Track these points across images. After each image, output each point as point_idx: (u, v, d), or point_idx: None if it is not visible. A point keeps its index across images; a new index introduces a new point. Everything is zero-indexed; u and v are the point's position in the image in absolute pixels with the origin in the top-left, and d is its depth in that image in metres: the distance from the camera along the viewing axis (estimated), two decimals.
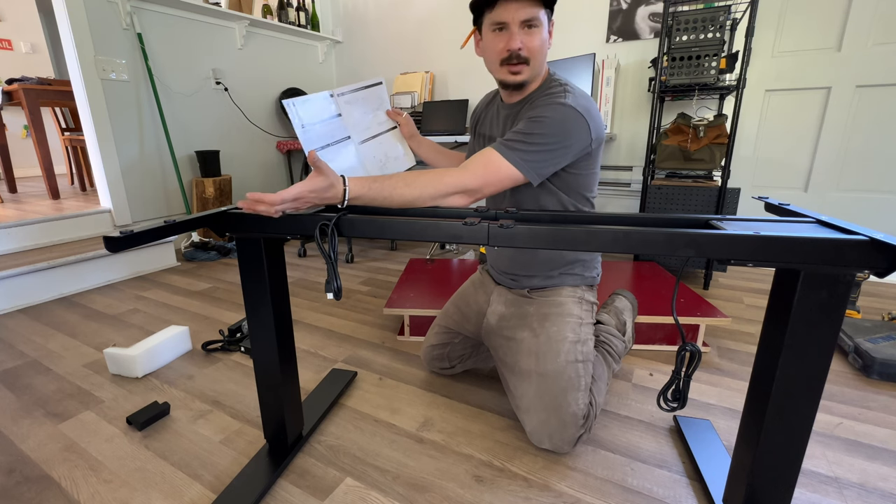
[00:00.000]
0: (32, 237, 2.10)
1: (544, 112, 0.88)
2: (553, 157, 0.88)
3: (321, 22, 3.33)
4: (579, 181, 0.98)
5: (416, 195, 0.80)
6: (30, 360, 1.40)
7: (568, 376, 0.94)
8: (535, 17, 0.88)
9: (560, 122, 0.87)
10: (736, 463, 0.75)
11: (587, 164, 0.96)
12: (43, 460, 0.97)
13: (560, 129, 0.87)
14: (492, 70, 0.97)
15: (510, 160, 0.86)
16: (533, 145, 0.86)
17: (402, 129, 1.20)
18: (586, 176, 0.98)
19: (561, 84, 0.94)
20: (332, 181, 0.75)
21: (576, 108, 0.87)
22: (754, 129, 2.22)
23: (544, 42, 0.92)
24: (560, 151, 0.88)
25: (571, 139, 0.88)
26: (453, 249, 2.61)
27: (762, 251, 0.57)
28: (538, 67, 0.94)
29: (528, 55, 0.91)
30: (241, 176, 2.97)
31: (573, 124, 0.87)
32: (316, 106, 1.04)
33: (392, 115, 1.18)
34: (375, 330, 1.59)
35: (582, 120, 0.87)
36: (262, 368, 0.90)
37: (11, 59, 4.31)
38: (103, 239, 0.62)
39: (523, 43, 0.90)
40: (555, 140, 0.86)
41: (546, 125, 0.87)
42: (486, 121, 1.11)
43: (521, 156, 0.86)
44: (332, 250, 0.70)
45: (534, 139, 0.86)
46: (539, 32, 0.90)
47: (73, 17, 2.06)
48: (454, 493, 0.86)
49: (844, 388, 1.20)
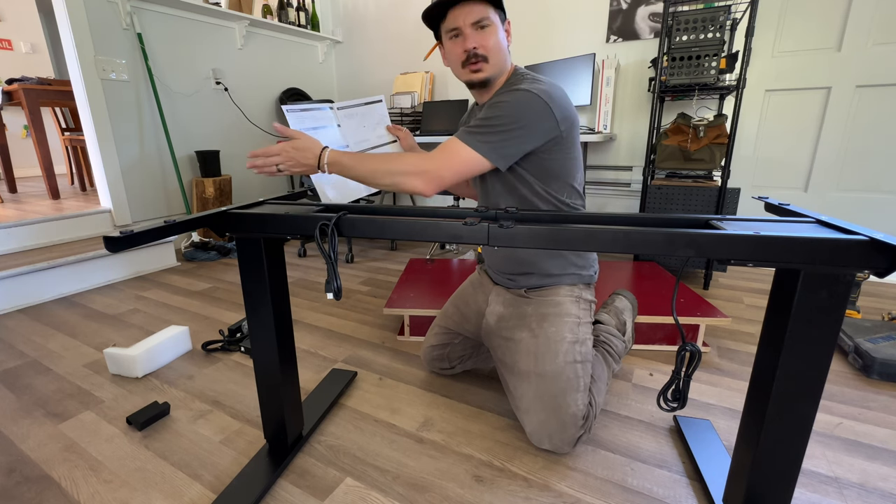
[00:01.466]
0: (32, 237, 2.10)
1: (503, 97, 0.91)
2: (514, 139, 0.89)
3: (321, 22, 3.33)
4: (555, 167, 0.97)
5: (377, 167, 0.89)
6: (30, 360, 1.40)
7: (567, 377, 0.94)
8: (485, 17, 0.92)
9: (518, 105, 0.88)
10: (736, 463, 0.75)
11: (561, 147, 0.96)
12: (43, 460, 0.97)
13: (518, 111, 0.88)
14: (458, 75, 1.00)
15: (470, 144, 0.88)
16: (492, 128, 0.88)
17: (401, 143, 1.23)
18: (563, 161, 0.97)
19: (525, 76, 0.96)
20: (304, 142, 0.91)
21: (534, 93, 0.88)
22: (754, 129, 2.22)
23: (499, 40, 0.95)
24: (520, 132, 0.89)
25: (531, 120, 0.89)
26: (453, 249, 2.61)
27: (762, 251, 0.57)
28: (499, 64, 0.96)
29: (484, 53, 0.94)
30: (241, 176, 2.97)
31: (532, 106, 0.88)
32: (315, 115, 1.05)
33: (392, 131, 1.23)
34: (375, 330, 1.59)
35: (541, 101, 0.88)
36: (262, 368, 0.90)
37: (11, 59, 4.31)
38: (103, 239, 0.62)
39: (478, 42, 0.93)
40: (513, 122, 0.88)
41: (504, 108, 0.89)
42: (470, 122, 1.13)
43: (480, 138, 0.88)
44: (332, 250, 0.70)
45: (492, 121, 0.88)
46: (492, 31, 0.93)
47: (73, 17, 2.06)
48: (454, 493, 0.86)
49: (844, 388, 1.20)
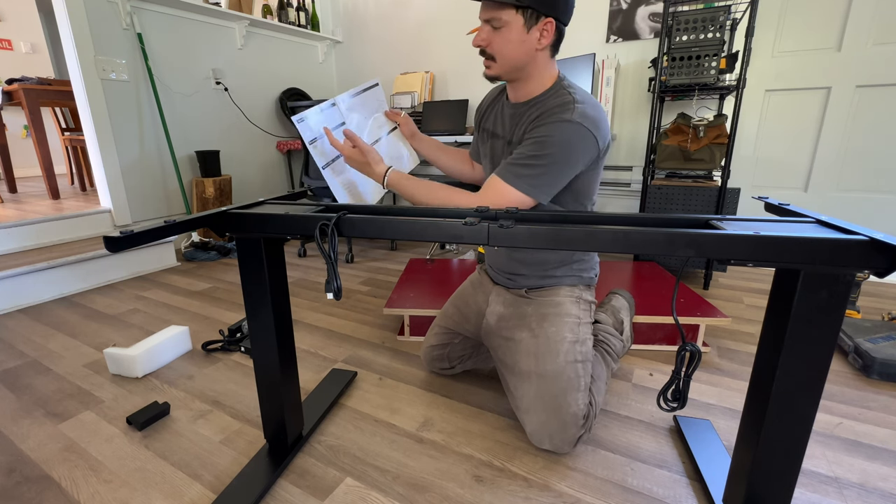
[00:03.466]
0: (32, 237, 2.10)
1: (550, 132, 0.87)
2: (560, 177, 0.89)
3: (321, 22, 3.33)
4: (581, 186, 0.97)
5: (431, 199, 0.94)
6: (30, 360, 1.40)
7: (567, 377, 0.94)
8: (496, 17, 0.88)
9: (566, 143, 0.86)
10: (736, 463, 0.75)
11: (591, 172, 0.96)
12: (43, 460, 0.97)
13: (566, 149, 0.86)
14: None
15: (519, 188, 0.88)
16: (538, 168, 0.87)
17: (402, 129, 1.19)
18: (589, 180, 0.97)
19: (569, 93, 0.91)
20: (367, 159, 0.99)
21: (582, 125, 0.86)
22: (754, 129, 2.22)
23: (510, 42, 0.89)
24: (567, 170, 0.88)
25: (579, 157, 0.88)
26: (453, 249, 2.61)
27: (762, 251, 0.57)
28: (509, 66, 0.93)
29: (492, 52, 0.92)
30: (241, 176, 2.97)
31: (580, 142, 0.86)
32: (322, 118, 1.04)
33: (391, 116, 1.17)
34: (375, 330, 1.59)
35: (589, 135, 0.87)
36: (262, 368, 0.90)
37: (11, 59, 4.31)
38: (103, 239, 0.62)
39: (484, 41, 0.91)
40: (562, 160, 0.87)
41: (550, 146, 0.87)
42: (491, 117, 1.10)
43: (529, 181, 0.88)
44: (332, 250, 0.70)
45: (540, 161, 0.87)
46: (503, 33, 0.89)
47: (73, 17, 2.06)
48: (454, 493, 0.86)
49: (844, 388, 1.20)
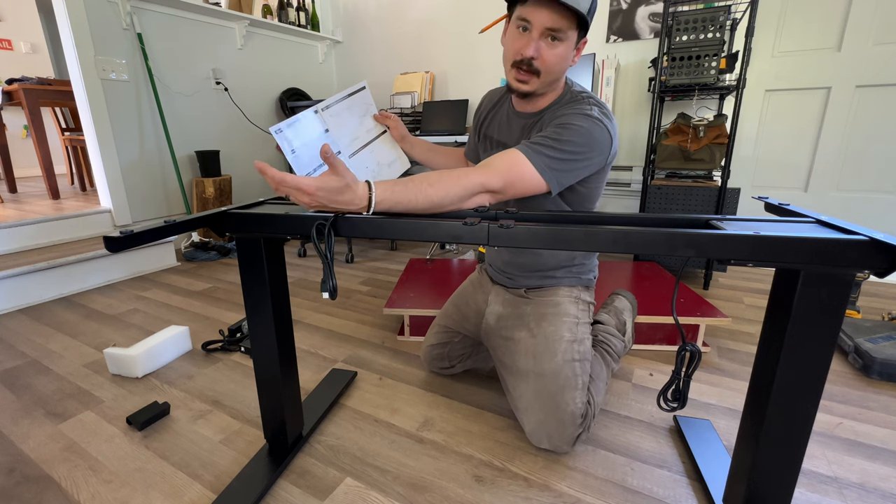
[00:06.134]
0: (32, 237, 2.10)
1: (574, 120, 0.83)
2: (577, 168, 0.84)
3: (321, 22, 3.33)
4: (586, 192, 0.96)
5: (442, 195, 0.73)
6: (30, 360, 1.40)
7: (565, 375, 0.94)
8: (562, 30, 0.81)
9: (589, 133, 0.83)
10: (736, 463, 0.75)
11: (598, 176, 0.94)
12: (43, 460, 0.97)
13: (589, 140, 0.83)
14: (504, 66, 0.92)
15: (536, 165, 0.80)
16: (561, 152, 0.81)
17: (392, 133, 1.13)
18: (594, 187, 0.96)
19: (586, 96, 0.90)
20: (347, 182, 0.66)
21: (603, 123, 0.84)
22: (754, 129, 2.22)
23: (563, 59, 0.85)
24: (584, 163, 0.85)
25: (596, 152, 0.85)
26: (453, 249, 2.61)
27: (762, 251, 0.57)
28: (549, 83, 0.89)
29: (539, 66, 0.85)
30: (241, 176, 2.97)
31: (600, 138, 0.84)
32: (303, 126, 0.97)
33: (380, 119, 1.11)
34: (375, 330, 1.59)
35: (607, 135, 0.85)
36: (262, 368, 0.90)
37: (11, 59, 4.30)
38: (103, 239, 0.62)
39: (539, 52, 0.83)
40: (582, 150, 0.83)
41: (576, 133, 0.82)
42: (495, 124, 1.07)
43: (548, 162, 0.81)
44: (329, 250, 0.70)
45: (563, 146, 0.82)
46: (561, 47, 0.83)
47: (73, 17, 2.06)
48: (454, 493, 0.86)
49: (844, 388, 1.20)
